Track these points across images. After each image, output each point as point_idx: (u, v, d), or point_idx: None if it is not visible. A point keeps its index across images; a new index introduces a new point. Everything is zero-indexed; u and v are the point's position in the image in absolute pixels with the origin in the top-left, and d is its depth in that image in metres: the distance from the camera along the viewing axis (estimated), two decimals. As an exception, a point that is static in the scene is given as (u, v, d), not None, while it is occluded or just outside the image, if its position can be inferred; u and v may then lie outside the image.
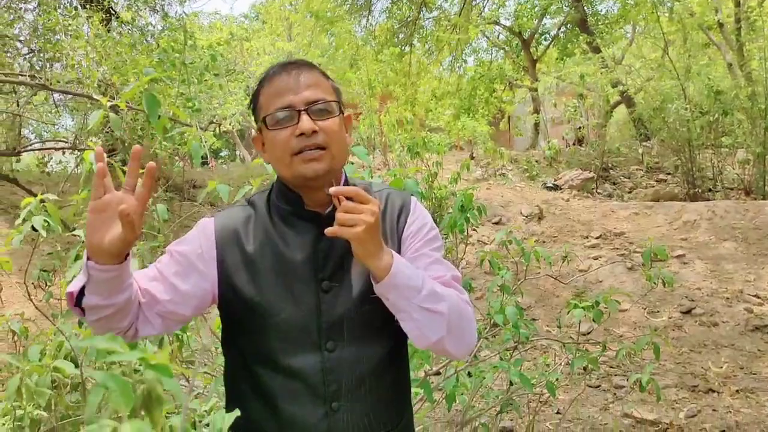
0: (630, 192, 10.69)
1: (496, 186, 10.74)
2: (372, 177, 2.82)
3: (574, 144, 15.67)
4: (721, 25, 12.12)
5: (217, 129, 11.38)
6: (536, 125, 17.76)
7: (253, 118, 1.46)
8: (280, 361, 1.34)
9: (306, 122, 1.30)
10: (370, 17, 14.63)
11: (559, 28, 19.24)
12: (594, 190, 10.77)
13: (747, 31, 10.89)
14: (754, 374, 4.88)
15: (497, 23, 19.36)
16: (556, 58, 20.00)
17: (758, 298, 6.01)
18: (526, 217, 8.78)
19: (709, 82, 9.53)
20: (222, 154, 22.51)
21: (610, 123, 13.55)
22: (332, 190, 1.24)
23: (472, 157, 12.66)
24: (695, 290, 6.32)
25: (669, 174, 11.13)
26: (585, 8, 15.14)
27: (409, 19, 15.55)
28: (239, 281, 1.36)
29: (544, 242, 7.99)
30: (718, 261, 6.88)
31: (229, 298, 1.37)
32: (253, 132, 1.53)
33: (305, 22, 17.15)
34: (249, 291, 1.35)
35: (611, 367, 5.09)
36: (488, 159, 12.47)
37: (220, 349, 2.30)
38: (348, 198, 1.23)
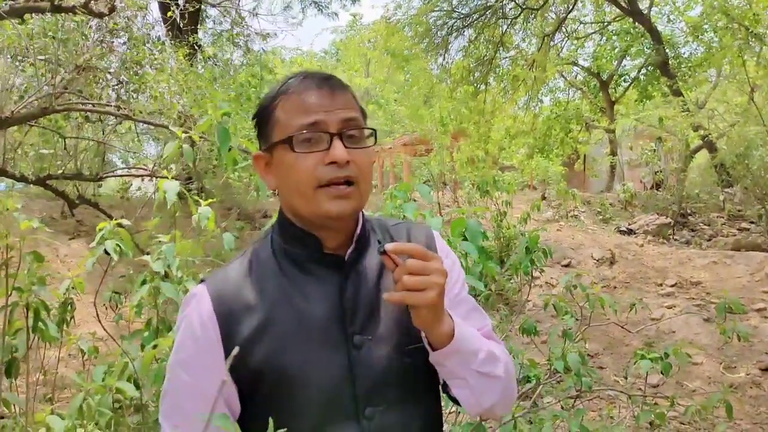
0: (709, 240, 10.28)
1: (567, 228, 10.55)
2: (440, 215, 2.84)
3: (651, 188, 15.24)
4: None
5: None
6: (612, 167, 17.40)
7: (259, 137, 1.22)
8: None
9: (340, 149, 1.09)
10: (446, 55, 14.79)
11: (639, 70, 18.92)
12: (671, 237, 10.42)
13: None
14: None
15: (575, 64, 19.23)
16: (635, 100, 19.63)
17: None
18: (597, 260, 8.57)
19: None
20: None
21: (691, 168, 13.11)
22: (390, 247, 1.03)
23: (544, 198, 12.53)
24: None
25: (752, 223, 10.65)
26: (667, 51, 14.83)
27: (485, 58, 15.60)
28: (254, 357, 1.09)
29: (615, 287, 7.77)
30: (802, 317, 6.51)
31: (245, 379, 1.10)
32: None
33: (383, 59, 17.50)
34: (268, 366, 1.10)
35: (681, 423, 4.87)
36: (560, 200, 12.29)
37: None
38: (409, 255, 1.04)
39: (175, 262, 1.96)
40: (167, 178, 1.92)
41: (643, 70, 18.75)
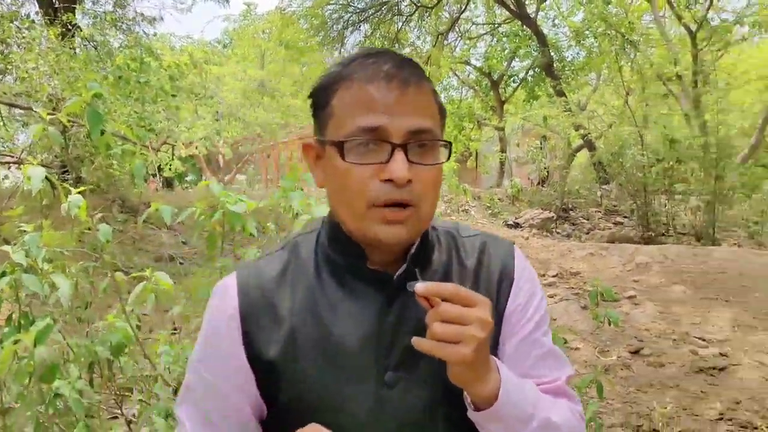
0: (588, 233, 10.94)
1: (459, 222, 10.87)
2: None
3: (537, 184, 16.00)
4: (679, 76, 12.60)
5: (173, 150, 11.22)
6: (502, 164, 18.11)
7: (314, 119, 1.01)
8: None
9: (401, 166, 0.88)
10: (342, 50, 14.84)
11: (527, 72, 19.77)
12: (553, 230, 11.00)
13: (702, 84, 11.35)
14: (696, 416, 4.98)
15: (468, 63, 19.83)
16: (523, 100, 20.51)
17: (703, 340, 6.17)
18: (486, 253, 8.89)
19: (664, 131, 9.88)
20: (188, 178, 22.35)
21: (573, 165, 13.91)
22: (420, 289, 0.83)
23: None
24: (644, 331, 6.46)
25: (625, 217, 11.43)
26: (552, 54, 15.60)
27: (381, 54, 15.78)
28: (270, 370, 0.97)
29: (501, 279, 8.09)
30: (667, 303, 7.05)
31: (265, 393, 1.00)
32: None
33: (277, 50, 17.29)
34: (286, 386, 0.97)
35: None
36: (452, 195, 12.65)
37: (158, 375, 2.14)
38: (444, 299, 0.84)
39: (40, 252, 1.82)
40: (32, 164, 1.79)
41: (531, 72, 19.62)
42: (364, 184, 0.90)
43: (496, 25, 18.59)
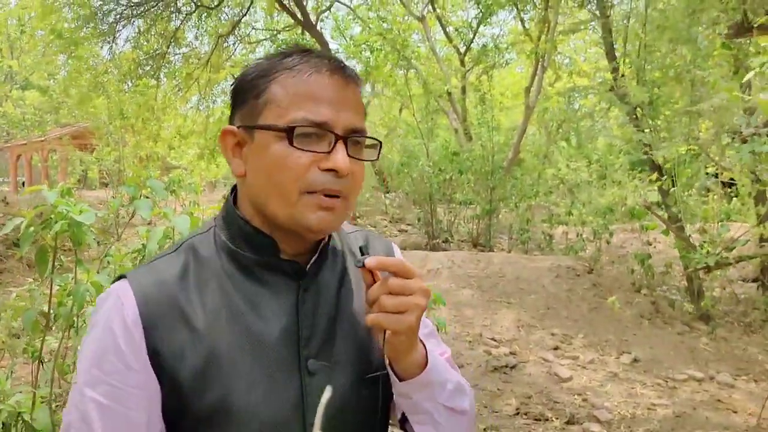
0: (376, 241, 11.34)
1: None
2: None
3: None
4: (449, 93, 13.67)
5: None
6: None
7: (239, 106, 0.99)
8: None
9: (345, 158, 0.92)
10: (114, 45, 13.62)
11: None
12: (344, 238, 11.21)
13: (480, 102, 12.42)
14: (496, 412, 5.37)
15: (247, 68, 19.47)
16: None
17: (494, 341, 6.70)
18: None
19: (445, 143, 10.63)
20: None
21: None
22: (372, 262, 0.90)
23: (225, 198, 12.40)
24: (442, 334, 6.84)
25: (409, 225, 12.06)
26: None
27: (156, 53, 14.82)
28: (186, 379, 0.89)
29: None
30: (459, 307, 7.55)
31: (173, 407, 0.91)
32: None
33: (35, 40, 15.42)
34: (203, 393, 0.90)
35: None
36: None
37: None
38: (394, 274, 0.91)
39: None
40: None
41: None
42: (304, 170, 0.91)
43: (276, 32, 18.50)
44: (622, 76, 7.45)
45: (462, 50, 15.06)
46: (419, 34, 16.44)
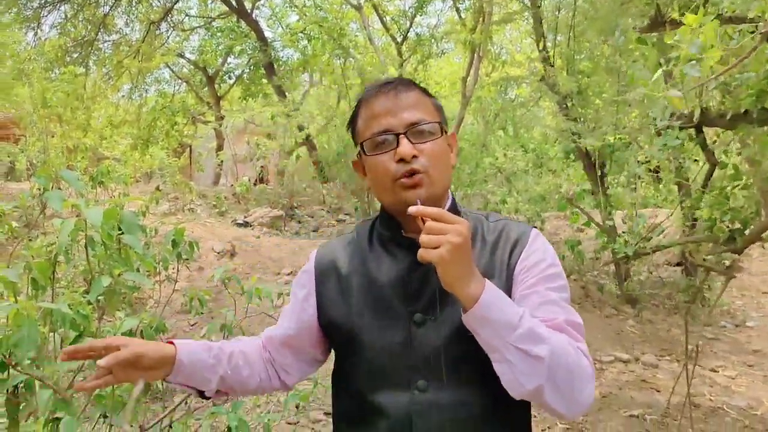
0: (315, 230, 11.26)
1: (185, 222, 10.34)
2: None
3: (255, 183, 15.99)
4: (388, 83, 13.58)
5: None
6: (221, 162, 17.72)
7: (354, 142, 1.38)
8: (366, 398, 1.28)
9: (406, 146, 1.23)
10: (39, 30, 13.02)
11: (244, 69, 19.58)
12: (282, 228, 11.09)
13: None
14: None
15: (181, 56, 18.97)
16: (239, 98, 20.27)
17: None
18: (219, 253, 8.61)
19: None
20: None
21: (296, 164, 14.15)
22: (412, 209, 1.12)
23: (159, 190, 12.06)
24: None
25: (347, 214, 12.02)
26: (272, 53, 15.68)
27: (85, 39, 14.25)
28: (334, 311, 1.36)
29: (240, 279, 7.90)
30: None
31: (327, 329, 1.39)
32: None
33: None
34: (342, 320, 1.33)
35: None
36: (176, 193, 12.00)
37: None
38: (433, 219, 1.12)
39: None
40: None
41: (247, 69, 19.47)
42: (386, 166, 1.26)
43: (210, 19, 18.04)
44: (552, 65, 7.59)
45: (399, 40, 15.01)
46: (357, 23, 16.32)
